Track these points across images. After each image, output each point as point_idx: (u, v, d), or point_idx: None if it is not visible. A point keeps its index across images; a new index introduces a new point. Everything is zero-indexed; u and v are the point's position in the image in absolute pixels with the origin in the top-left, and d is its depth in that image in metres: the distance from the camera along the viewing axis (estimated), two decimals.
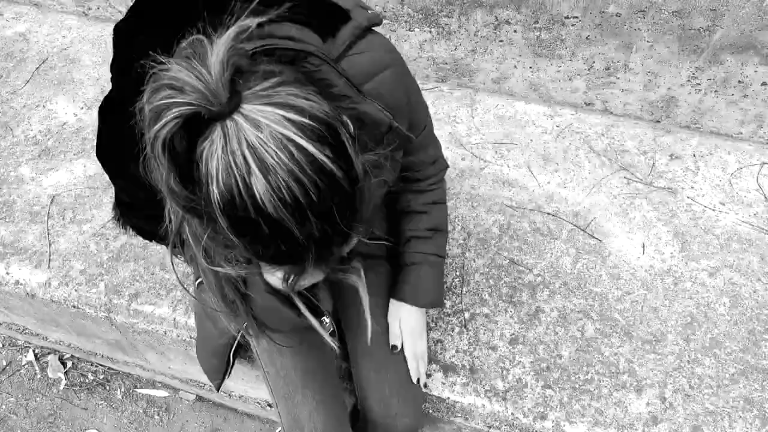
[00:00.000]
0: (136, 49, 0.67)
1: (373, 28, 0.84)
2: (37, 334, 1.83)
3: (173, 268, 0.74)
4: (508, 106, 1.75)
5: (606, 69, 1.61)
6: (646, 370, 1.23)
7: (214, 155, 0.53)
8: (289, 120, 0.53)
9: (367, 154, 0.63)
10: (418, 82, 0.98)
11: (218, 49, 0.54)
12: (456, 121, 1.71)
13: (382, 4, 1.64)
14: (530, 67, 1.68)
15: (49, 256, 1.44)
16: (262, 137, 0.52)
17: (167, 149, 0.54)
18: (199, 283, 1.18)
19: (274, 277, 0.72)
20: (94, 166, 1.62)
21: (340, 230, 0.59)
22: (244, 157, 0.52)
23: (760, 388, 1.21)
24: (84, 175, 1.60)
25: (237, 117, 0.53)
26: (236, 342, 1.13)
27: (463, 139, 1.66)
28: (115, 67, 0.74)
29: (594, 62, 1.60)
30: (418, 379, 1.15)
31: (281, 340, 1.02)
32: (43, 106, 1.79)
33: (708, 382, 1.22)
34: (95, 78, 1.85)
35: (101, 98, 0.75)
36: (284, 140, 0.53)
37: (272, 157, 0.52)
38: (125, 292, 1.37)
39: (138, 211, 0.78)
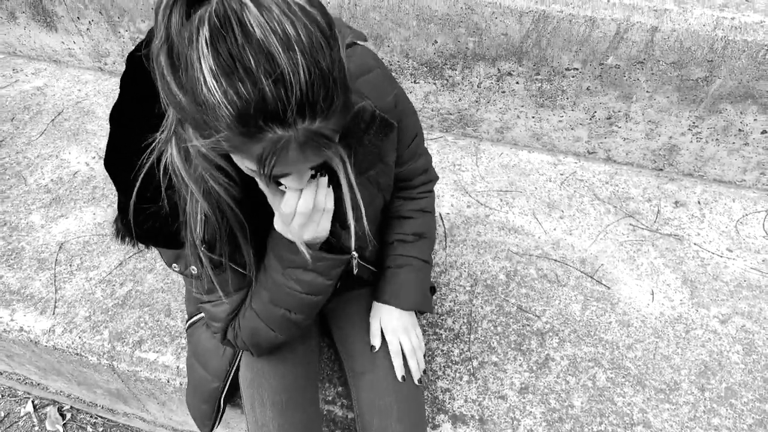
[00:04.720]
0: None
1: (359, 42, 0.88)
2: (38, 384, 1.80)
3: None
4: (512, 154, 1.77)
5: (608, 118, 1.64)
6: (660, 421, 1.20)
7: (211, 5, 0.57)
8: None
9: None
10: (423, 132, 1.00)
11: None
12: (461, 170, 1.73)
13: (387, 58, 1.70)
14: (533, 117, 1.71)
15: (55, 302, 1.44)
16: None
17: (166, 15, 0.57)
18: (192, 323, 1.17)
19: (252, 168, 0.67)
20: (103, 214, 1.63)
21: (325, 86, 0.59)
22: (241, 2, 0.56)
23: None
24: (93, 222, 1.62)
25: None
26: (227, 386, 1.11)
27: (468, 187, 1.68)
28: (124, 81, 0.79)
29: (595, 112, 1.63)
30: (403, 377, 1.07)
31: (268, 346, 0.98)
32: (57, 156, 1.82)
33: None
34: (108, 129, 1.90)
35: None
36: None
37: (268, 1, 0.57)
38: (129, 339, 1.36)
39: (145, 204, 0.77)
